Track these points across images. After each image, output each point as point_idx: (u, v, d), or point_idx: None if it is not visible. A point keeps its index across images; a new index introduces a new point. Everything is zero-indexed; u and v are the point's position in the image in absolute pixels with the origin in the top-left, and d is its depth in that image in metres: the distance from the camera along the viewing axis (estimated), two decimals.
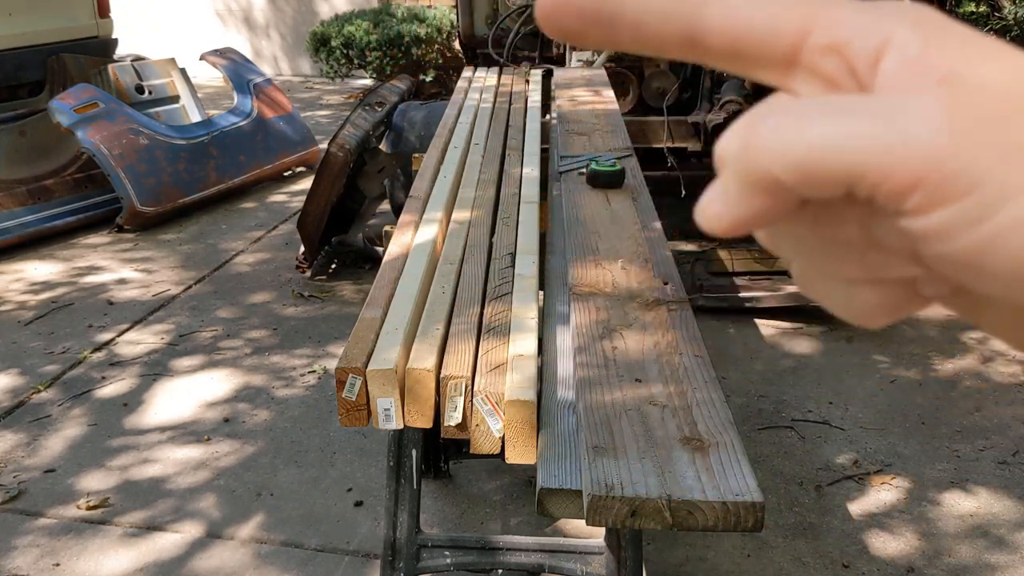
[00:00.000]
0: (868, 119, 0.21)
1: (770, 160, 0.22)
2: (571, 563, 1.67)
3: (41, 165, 4.56)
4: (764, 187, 0.22)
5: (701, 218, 0.24)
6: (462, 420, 1.36)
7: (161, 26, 9.11)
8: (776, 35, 0.23)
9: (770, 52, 0.24)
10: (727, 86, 3.96)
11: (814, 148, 0.21)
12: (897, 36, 0.22)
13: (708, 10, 0.24)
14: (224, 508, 2.35)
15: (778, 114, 0.22)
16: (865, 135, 0.21)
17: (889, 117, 0.21)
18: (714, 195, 0.24)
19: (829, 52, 0.23)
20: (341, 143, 3.50)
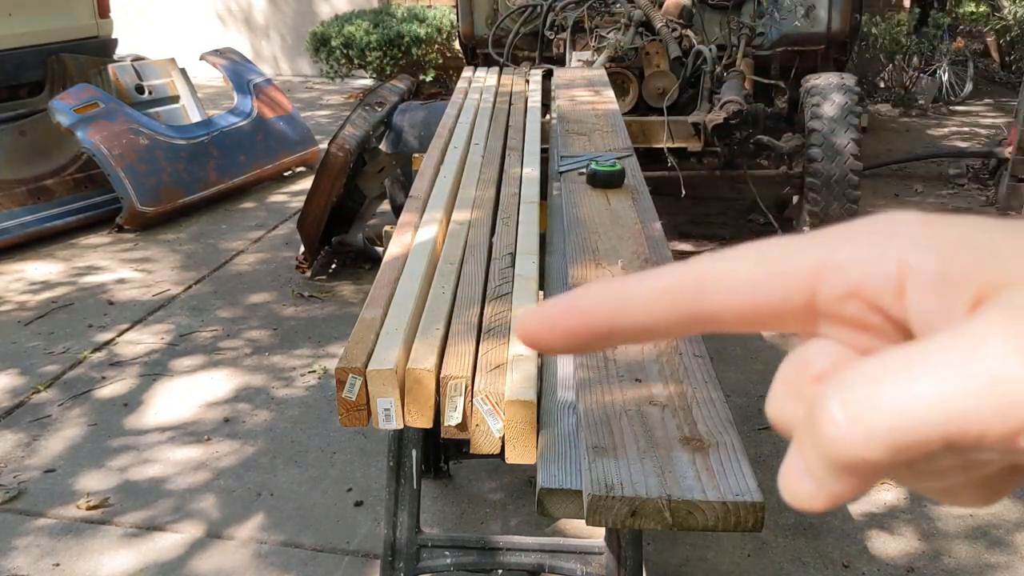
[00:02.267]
0: (941, 368, 0.20)
1: (855, 445, 0.21)
2: (571, 563, 1.67)
3: (41, 165, 4.56)
4: (855, 471, 0.21)
5: (791, 498, 0.23)
6: (462, 420, 1.36)
7: (161, 26, 9.11)
8: (786, 300, 0.23)
9: (785, 315, 0.23)
10: (727, 86, 3.96)
11: (898, 420, 0.20)
12: (909, 259, 0.22)
13: (708, 297, 0.24)
14: (224, 508, 2.35)
15: (847, 387, 0.21)
16: (948, 395, 0.19)
17: (962, 360, 0.19)
18: (799, 473, 0.23)
19: (848, 299, 0.22)
20: (341, 143, 3.50)
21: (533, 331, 0.25)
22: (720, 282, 0.23)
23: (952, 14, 7.50)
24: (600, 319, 0.24)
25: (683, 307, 0.24)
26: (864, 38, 6.75)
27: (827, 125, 3.73)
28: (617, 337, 0.24)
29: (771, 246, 0.24)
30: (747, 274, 0.23)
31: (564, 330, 0.24)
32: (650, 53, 4.07)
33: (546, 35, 4.37)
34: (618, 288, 0.24)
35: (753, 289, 0.23)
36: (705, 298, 0.24)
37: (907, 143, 6.07)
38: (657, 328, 0.24)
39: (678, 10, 4.24)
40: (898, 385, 0.20)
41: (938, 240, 0.22)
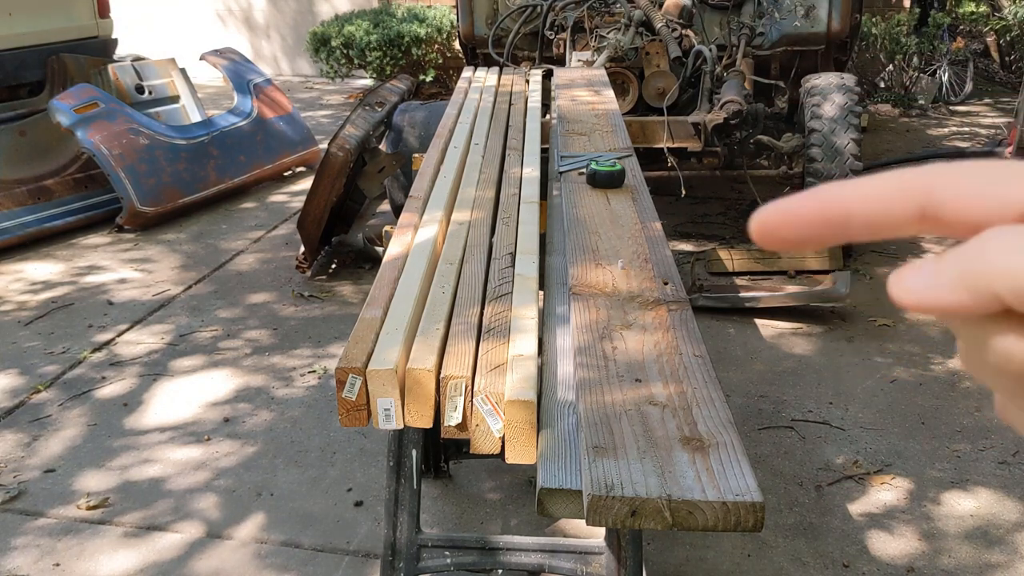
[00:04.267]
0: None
1: (996, 268, 0.23)
2: (571, 563, 1.67)
3: (41, 165, 4.56)
4: (978, 289, 0.24)
5: (895, 284, 0.26)
6: (462, 420, 1.36)
7: (161, 26, 9.11)
8: (1004, 210, 0.25)
9: (997, 220, 0.25)
10: (727, 86, 3.96)
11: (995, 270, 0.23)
12: None
13: (938, 195, 0.26)
14: (224, 508, 2.35)
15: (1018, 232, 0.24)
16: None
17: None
18: (922, 272, 0.25)
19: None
20: (341, 143, 3.50)
21: (770, 222, 0.27)
22: (949, 187, 0.25)
23: (952, 14, 7.49)
24: (836, 210, 0.26)
25: (911, 204, 0.26)
26: (864, 38, 6.75)
27: (827, 125, 3.73)
28: (850, 229, 0.27)
29: (1000, 167, 0.26)
30: (975, 183, 0.25)
31: (803, 219, 0.27)
32: (650, 53, 4.07)
33: (546, 35, 4.37)
34: (848, 185, 0.27)
35: (981, 198, 0.25)
36: (935, 197, 0.26)
37: (907, 143, 6.07)
38: (887, 221, 0.26)
39: (678, 10, 4.24)
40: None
41: None
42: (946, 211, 0.26)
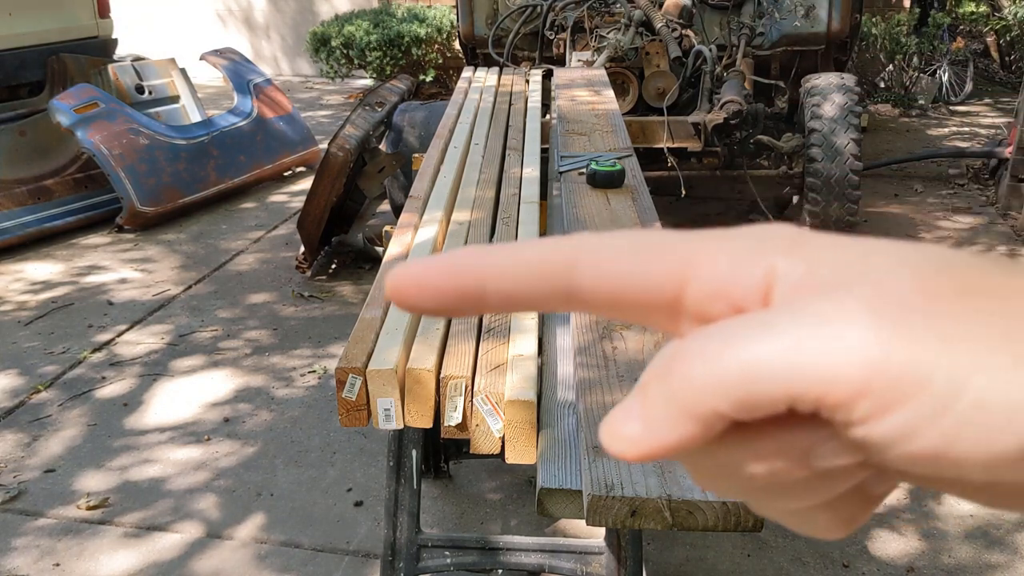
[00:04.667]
0: (796, 329, 0.20)
1: (703, 385, 0.21)
2: (571, 563, 1.67)
3: (41, 165, 4.56)
4: (695, 414, 0.21)
5: (611, 440, 0.22)
6: (462, 420, 1.36)
7: (161, 26, 9.11)
8: (654, 288, 0.23)
9: (652, 304, 0.23)
10: (727, 86, 3.96)
11: (748, 370, 0.20)
12: (778, 265, 0.22)
13: (579, 273, 0.23)
14: (224, 508, 2.35)
15: (704, 340, 0.21)
16: (797, 347, 0.20)
17: (816, 325, 0.20)
18: (630, 416, 0.22)
19: (714, 298, 0.22)
20: (341, 143, 3.50)
21: (403, 288, 0.24)
22: (592, 263, 0.23)
23: (952, 14, 7.50)
24: (470, 282, 0.24)
25: (552, 281, 0.23)
26: (864, 38, 6.75)
27: (827, 125, 3.73)
28: (486, 302, 0.24)
29: (650, 235, 0.23)
30: (620, 258, 0.23)
31: (434, 289, 0.24)
32: (650, 53, 4.07)
33: (546, 35, 4.37)
34: (492, 253, 0.24)
35: (623, 274, 0.23)
36: (575, 275, 0.23)
37: (907, 143, 6.07)
38: (526, 298, 0.24)
39: (678, 10, 4.24)
40: (756, 337, 0.20)
41: (808, 250, 0.22)
42: (589, 295, 0.23)
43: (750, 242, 0.22)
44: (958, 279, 0.20)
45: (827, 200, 3.72)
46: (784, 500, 0.24)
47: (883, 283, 0.20)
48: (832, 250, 0.22)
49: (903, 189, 5.06)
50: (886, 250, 0.21)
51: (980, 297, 0.20)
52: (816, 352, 0.20)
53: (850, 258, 0.21)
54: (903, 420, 0.19)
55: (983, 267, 0.21)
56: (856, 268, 0.21)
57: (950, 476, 0.20)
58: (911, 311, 0.20)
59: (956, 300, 0.20)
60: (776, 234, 0.23)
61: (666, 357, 0.22)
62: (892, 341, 0.19)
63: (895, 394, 0.19)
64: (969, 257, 0.21)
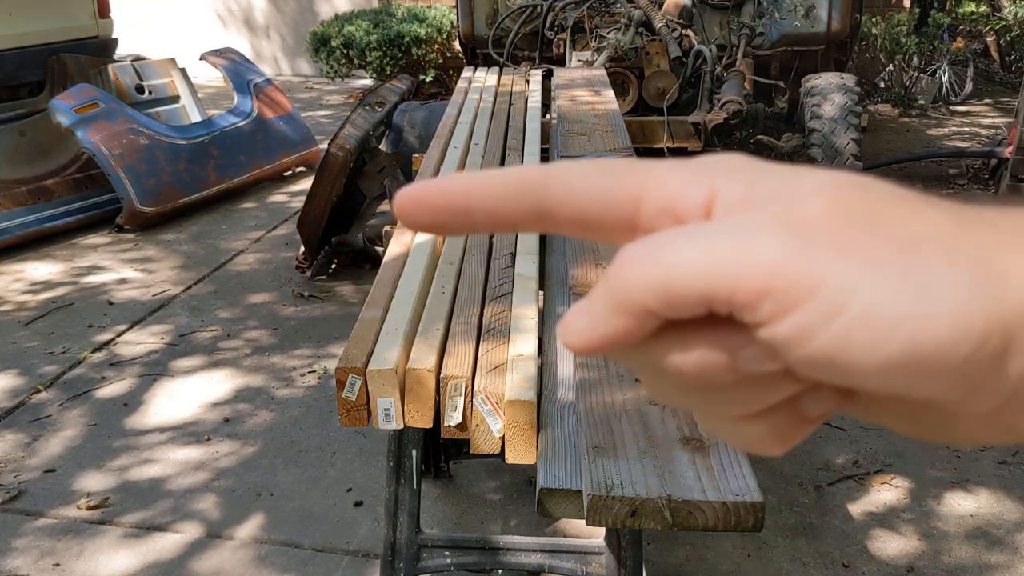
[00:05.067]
0: (714, 238, 0.23)
1: (635, 283, 0.23)
2: (571, 563, 1.67)
3: (41, 165, 4.56)
4: (628, 309, 0.24)
5: (563, 332, 0.25)
6: (462, 420, 1.36)
7: (161, 26, 9.11)
8: (613, 205, 0.26)
9: (612, 221, 0.26)
10: (727, 86, 3.96)
11: (671, 270, 0.23)
12: (720, 186, 0.24)
13: (550, 191, 0.26)
14: (224, 508, 2.35)
15: (640, 245, 0.24)
16: (712, 253, 0.22)
17: (732, 235, 0.23)
18: (579, 312, 0.25)
19: (663, 214, 0.25)
20: (341, 143, 3.50)
21: (406, 206, 0.27)
22: (560, 183, 0.26)
23: (952, 14, 7.50)
24: (458, 199, 0.27)
25: (527, 198, 0.26)
26: (864, 38, 6.75)
27: (827, 125, 3.73)
28: (473, 219, 0.27)
29: (614, 162, 0.26)
30: (586, 180, 0.26)
31: (428, 205, 0.27)
32: (650, 53, 4.07)
33: (546, 35, 4.37)
34: (478, 175, 0.27)
35: (588, 193, 0.26)
36: (546, 194, 0.26)
37: (907, 143, 6.07)
38: (505, 214, 0.27)
39: (678, 10, 4.23)
40: (680, 244, 0.23)
41: (750, 173, 0.25)
42: (558, 213, 0.26)
43: (698, 167, 0.25)
44: (871, 204, 0.23)
45: None
46: (720, 406, 0.26)
47: (800, 204, 0.23)
48: (769, 174, 0.24)
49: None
50: (816, 175, 0.24)
51: (884, 220, 0.23)
52: (727, 257, 0.22)
53: (783, 181, 0.24)
54: (798, 322, 0.22)
55: (898, 196, 0.24)
56: (786, 190, 0.24)
57: (853, 384, 0.22)
58: (816, 228, 0.22)
59: (862, 221, 0.22)
60: (723, 160, 0.25)
61: (617, 259, 0.25)
62: (792, 250, 0.22)
63: (791, 297, 0.22)
64: (890, 187, 0.24)
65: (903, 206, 0.23)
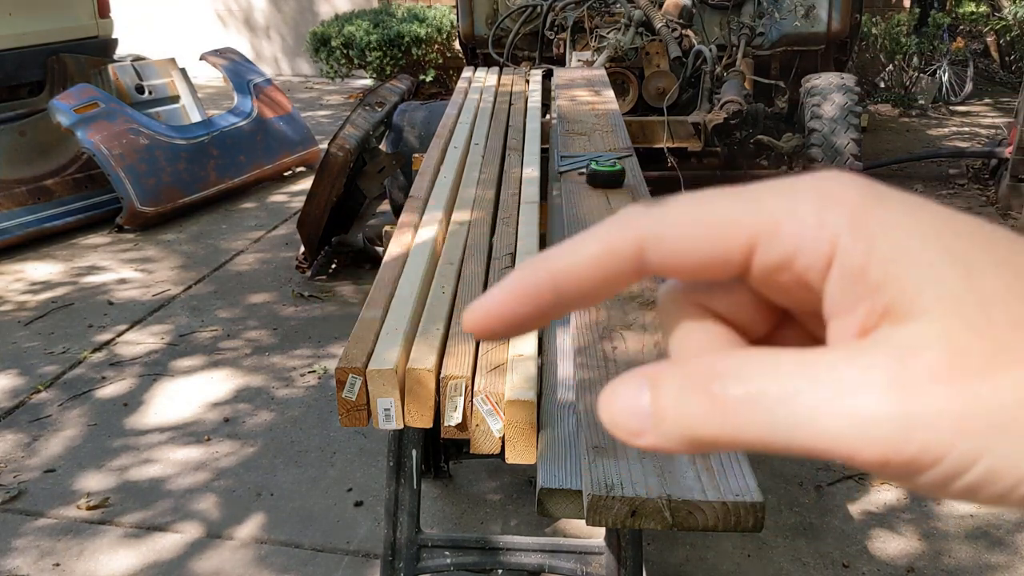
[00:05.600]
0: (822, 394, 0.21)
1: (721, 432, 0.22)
2: (571, 563, 1.67)
3: (41, 165, 4.56)
4: (699, 445, 0.22)
5: (610, 418, 0.23)
6: (462, 420, 1.36)
7: (161, 26, 9.11)
8: (722, 264, 0.23)
9: (718, 275, 0.24)
10: (727, 86, 3.96)
11: (774, 427, 0.21)
12: (841, 242, 0.22)
13: (650, 258, 0.24)
14: (224, 508, 2.35)
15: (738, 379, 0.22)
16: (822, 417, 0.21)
17: (841, 394, 0.21)
18: (639, 407, 0.23)
19: (781, 270, 0.23)
20: (341, 143, 3.50)
21: (482, 323, 0.25)
22: (662, 245, 0.24)
23: (952, 14, 7.50)
24: (546, 300, 0.24)
25: (621, 273, 0.24)
26: (864, 38, 6.75)
27: (827, 125, 3.73)
28: (564, 307, 0.25)
29: (712, 202, 0.23)
30: (691, 235, 0.23)
31: (512, 317, 0.25)
32: (650, 53, 4.07)
33: (546, 35, 4.37)
34: (555, 261, 0.24)
35: (693, 254, 0.23)
36: (643, 262, 0.24)
37: (907, 143, 6.07)
38: (600, 292, 0.25)
39: (678, 10, 4.24)
40: (781, 394, 0.21)
41: (872, 229, 0.22)
42: (661, 273, 0.24)
43: (814, 208, 0.22)
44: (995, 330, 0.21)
45: None
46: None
47: (915, 350, 0.21)
48: (896, 234, 0.22)
49: (903, 189, 5.04)
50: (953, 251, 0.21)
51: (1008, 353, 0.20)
52: (840, 427, 0.21)
53: (911, 258, 0.21)
54: (920, 482, 0.21)
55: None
56: (910, 273, 0.21)
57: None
58: (934, 383, 0.20)
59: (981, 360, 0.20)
60: (841, 197, 0.22)
61: (705, 366, 0.22)
62: (909, 424, 0.20)
63: (911, 467, 0.21)
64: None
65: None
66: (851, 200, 0.22)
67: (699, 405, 0.22)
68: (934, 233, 0.22)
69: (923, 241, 0.21)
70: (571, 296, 0.24)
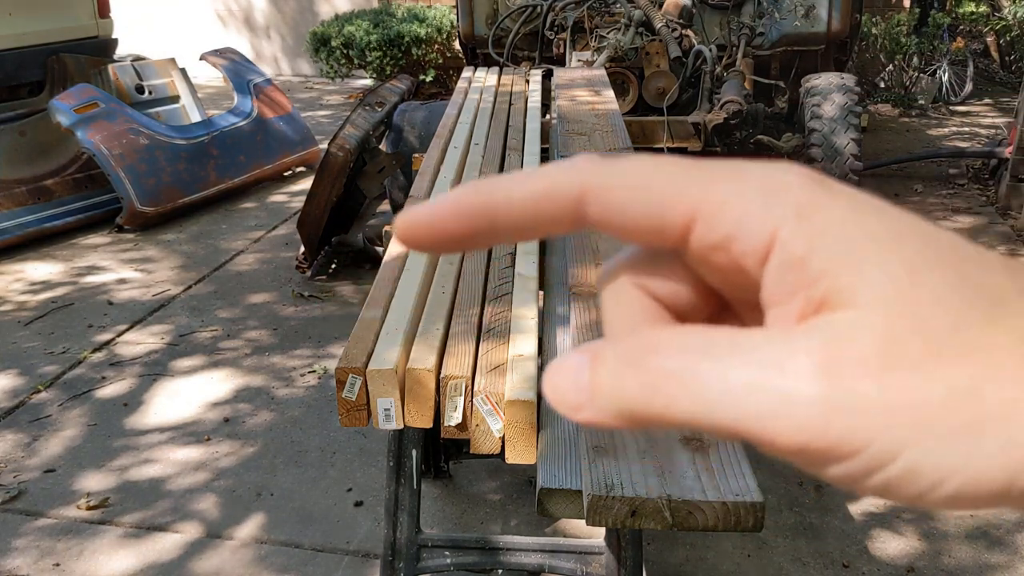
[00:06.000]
0: (752, 374, 0.21)
1: (662, 408, 0.22)
2: (571, 563, 1.67)
3: (41, 165, 4.56)
4: (633, 420, 0.22)
5: (553, 394, 0.24)
6: (462, 420, 1.36)
7: (161, 26, 9.11)
8: (660, 229, 0.23)
9: (656, 240, 0.24)
10: (727, 86, 3.96)
11: (701, 402, 0.21)
12: (782, 234, 0.22)
13: (588, 209, 0.24)
14: (224, 508, 2.35)
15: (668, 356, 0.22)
16: (749, 395, 0.21)
17: (772, 374, 0.21)
18: (579, 380, 0.23)
19: (717, 249, 0.23)
20: (341, 143, 3.50)
21: (414, 231, 0.25)
22: (601, 198, 0.23)
23: (952, 14, 7.50)
24: (482, 222, 0.24)
25: (560, 213, 0.24)
26: (864, 38, 6.75)
27: (827, 125, 3.73)
28: (496, 236, 0.25)
29: (663, 168, 0.23)
30: (629, 196, 0.23)
31: (444, 231, 0.24)
32: (650, 53, 4.07)
33: (546, 35, 4.37)
34: (498, 187, 0.24)
35: (631, 213, 0.23)
36: (583, 208, 0.24)
37: (907, 143, 6.07)
38: (534, 229, 0.24)
39: (678, 10, 4.24)
40: (710, 370, 0.21)
41: (816, 222, 0.22)
42: (596, 226, 0.24)
43: (762, 192, 0.22)
44: (937, 321, 0.20)
45: None
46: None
47: (851, 339, 0.21)
48: (840, 229, 0.21)
49: (903, 189, 5.06)
50: (898, 249, 0.21)
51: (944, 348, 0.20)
52: (765, 407, 0.21)
53: (854, 253, 0.21)
54: (835, 472, 0.21)
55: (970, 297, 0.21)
56: (849, 266, 0.21)
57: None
58: (864, 373, 0.20)
59: (916, 355, 0.20)
60: (790, 188, 0.22)
61: (640, 341, 0.23)
62: (834, 410, 0.20)
63: (830, 456, 0.21)
64: (991, 275, 0.21)
65: (973, 316, 0.21)
66: (799, 191, 0.22)
67: (632, 378, 0.22)
68: (882, 230, 0.21)
69: (868, 237, 0.21)
70: (505, 226, 0.24)
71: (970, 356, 0.20)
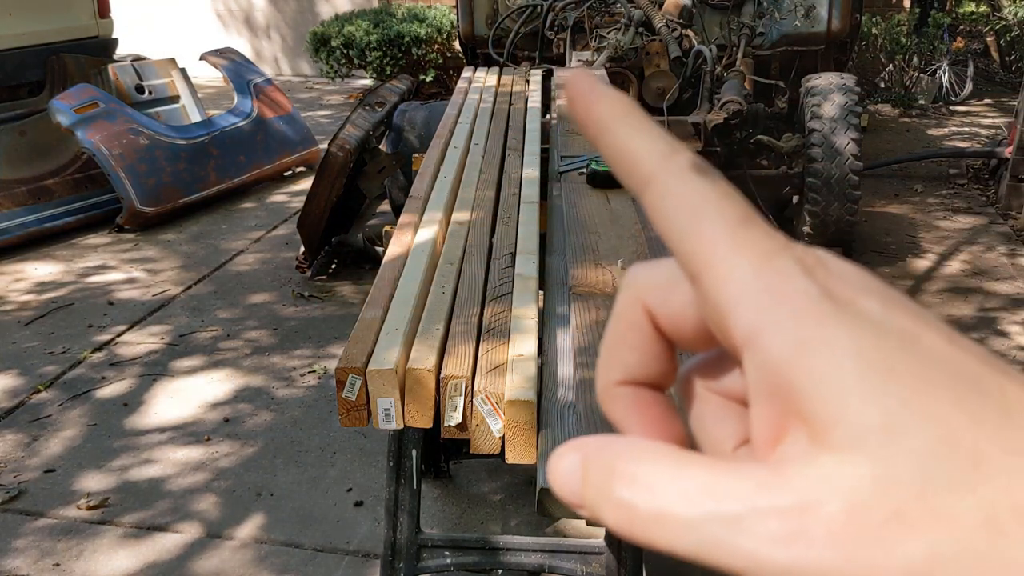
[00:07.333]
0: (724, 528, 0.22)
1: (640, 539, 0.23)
2: (571, 563, 1.67)
3: (41, 165, 4.56)
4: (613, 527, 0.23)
5: (554, 486, 0.25)
6: (462, 420, 1.36)
7: (161, 26, 9.11)
8: (681, 255, 0.24)
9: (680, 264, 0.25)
10: (727, 86, 3.96)
11: (681, 548, 0.22)
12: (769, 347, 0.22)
13: (648, 190, 0.25)
14: (224, 508, 2.35)
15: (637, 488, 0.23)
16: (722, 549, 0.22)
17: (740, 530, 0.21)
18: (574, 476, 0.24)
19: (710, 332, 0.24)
20: (341, 143, 3.50)
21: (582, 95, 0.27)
22: (659, 193, 0.25)
23: (952, 14, 7.50)
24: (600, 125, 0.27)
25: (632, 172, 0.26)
26: (864, 38, 6.75)
27: (827, 125, 3.73)
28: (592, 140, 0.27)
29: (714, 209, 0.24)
30: (679, 207, 0.24)
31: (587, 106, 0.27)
32: (650, 53, 4.07)
33: (546, 35, 4.37)
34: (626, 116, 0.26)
35: (671, 225, 0.24)
36: (644, 189, 0.25)
37: (907, 143, 6.07)
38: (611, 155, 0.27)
39: (678, 10, 4.24)
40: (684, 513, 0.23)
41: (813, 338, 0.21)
42: (642, 201, 0.25)
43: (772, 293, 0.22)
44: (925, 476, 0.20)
45: (827, 200, 3.72)
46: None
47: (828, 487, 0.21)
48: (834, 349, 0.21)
49: (903, 189, 5.06)
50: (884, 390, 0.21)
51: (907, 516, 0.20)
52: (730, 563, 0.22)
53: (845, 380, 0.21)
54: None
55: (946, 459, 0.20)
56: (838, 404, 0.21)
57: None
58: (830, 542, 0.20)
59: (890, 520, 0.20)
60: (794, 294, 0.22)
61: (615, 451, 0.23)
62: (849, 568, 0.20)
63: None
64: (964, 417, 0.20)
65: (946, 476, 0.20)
66: (801, 300, 0.22)
67: (611, 511, 0.23)
68: (879, 359, 0.21)
69: (860, 368, 0.21)
70: (601, 144, 0.26)
71: (932, 527, 0.20)
